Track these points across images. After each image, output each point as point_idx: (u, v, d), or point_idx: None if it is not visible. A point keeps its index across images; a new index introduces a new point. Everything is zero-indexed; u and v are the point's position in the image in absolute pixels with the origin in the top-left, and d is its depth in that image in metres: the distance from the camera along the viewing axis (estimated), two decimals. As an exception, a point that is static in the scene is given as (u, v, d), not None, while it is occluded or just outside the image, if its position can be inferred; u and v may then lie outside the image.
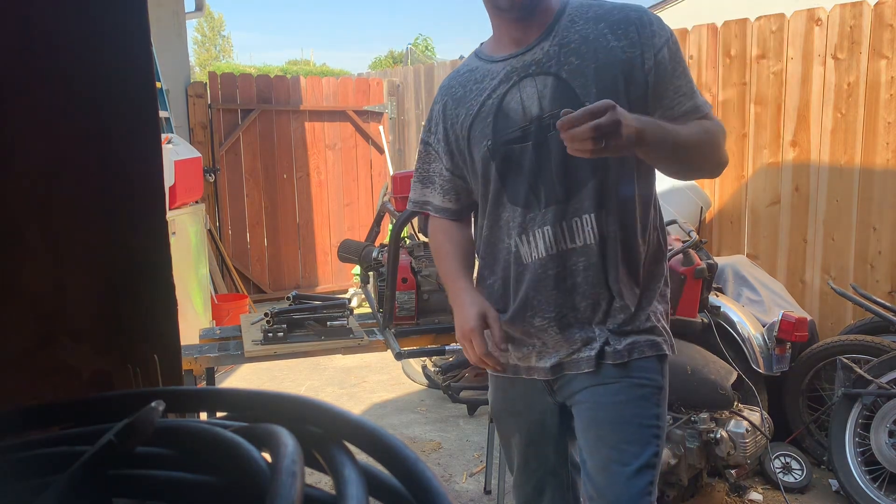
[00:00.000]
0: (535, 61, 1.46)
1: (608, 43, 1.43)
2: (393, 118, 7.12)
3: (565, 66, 1.44)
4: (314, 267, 6.85)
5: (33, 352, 0.64)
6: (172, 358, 0.70)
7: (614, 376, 1.49)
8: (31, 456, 0.50)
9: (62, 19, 0.63)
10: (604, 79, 1.41)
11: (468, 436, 3.68)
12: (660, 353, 1.51)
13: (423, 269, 2.46)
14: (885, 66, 3.39)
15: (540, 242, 1.49)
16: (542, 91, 1.45)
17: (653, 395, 1.50)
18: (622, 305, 1.49)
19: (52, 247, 0.64)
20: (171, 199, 4.18)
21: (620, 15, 1.45)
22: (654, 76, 1.43)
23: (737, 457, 2.82)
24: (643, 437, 1.48)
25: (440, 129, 1.61)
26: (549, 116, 1.44)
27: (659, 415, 1.50)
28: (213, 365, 2.33)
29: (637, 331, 1.50)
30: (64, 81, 0.63)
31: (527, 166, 1.48)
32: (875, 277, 3.49)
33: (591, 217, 1.46)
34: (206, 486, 0.47)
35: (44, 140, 0.63)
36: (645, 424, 1.48)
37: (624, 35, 1.43)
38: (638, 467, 1.46)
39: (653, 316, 1.53)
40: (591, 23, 1.46)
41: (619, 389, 1.49)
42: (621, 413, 1.49)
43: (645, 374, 1.49)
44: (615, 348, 1.49)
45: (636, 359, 1.49)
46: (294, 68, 20.74)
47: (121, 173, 0.66)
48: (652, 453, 1.47)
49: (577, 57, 1.44)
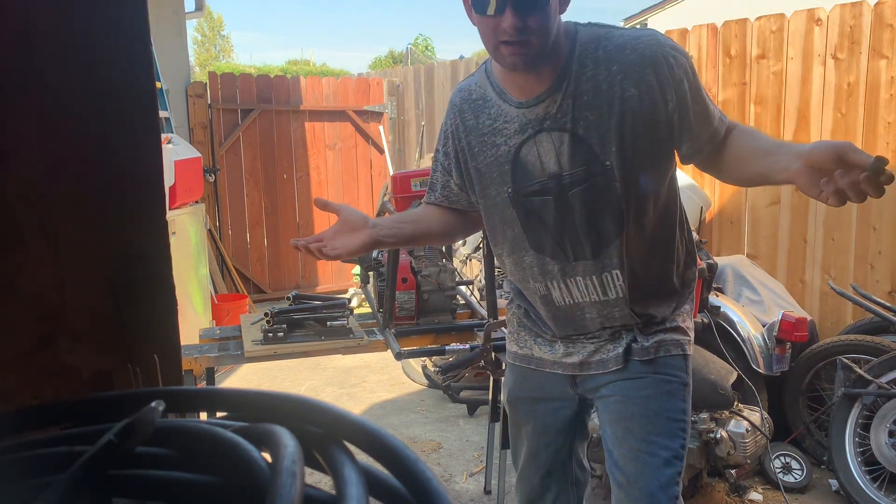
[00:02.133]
0: (550, 115, 1.42)
1: (624, 93, 1.37)
2: (393, 118, 7.12)
3: (581, 121, 1.41)
4: (314, 267, 6.85)
5: (33, 352, 0.64)
6: (172, 358, 0.70)
7: (641, 372, 1.55)
8: (31, 456, 0.50)
9: (62, 19, 0.63)
10: (623, 134, 1.39)
11: (468, 436, 3.68)
12: (685, 353, 1.58)
13: (423, 269, 2.46)
14: (885, 66, 3.39)
15: (574, 290, 1.54)
16: (558, 148, 1.44)
17: (679, 391, 1.55)
18: (655, 320, 1.57)
19: (52, 247, 0.64)
20: (171, 199, 4.18)
21: (634, 55, 1.37)
22: (679, 111, 1.41)
23: (737, 457, 2.82)
24: (671, 430, 1.53)
25: (451, 147, 1.62)
26: (568, 176, 1.44)
27: (685, 410, 1.56)
28: (213, 365, 2.32)
29: (664, 330, 1.56)
30: (64, 81, 0.63)
31: (550, 222, 1.49)
32: (875, 277, 3.49)
33: (620, 274, 1.50)
34: (206, 486, 0.47)
35: (44, 140, 0.63)
36: (672, 418, 1.54)
37: (641, 80, 1.37)
38: (666, 458, 1.52)
39: (678, 317, 1.59)
40: (602, 66, 1.38)
41: (647, 384, 1.54)
42: (650, 406, 1.54)
43: (671, 370, 1.55)
44: (642, 345, 1.55)
45: (662, 356, 1.55)
46: (294, 68, 20.73)
47: (121, 173, 0.66)
48: (679, 445, 1.53)
49: (592, 111, 1.40)
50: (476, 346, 2.24)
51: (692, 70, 1.42)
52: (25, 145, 0.63)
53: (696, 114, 1.43)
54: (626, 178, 1.43)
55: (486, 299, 2.45)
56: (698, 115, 1.43)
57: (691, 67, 1.43)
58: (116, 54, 0.65)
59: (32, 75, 0.62)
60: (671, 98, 1.39)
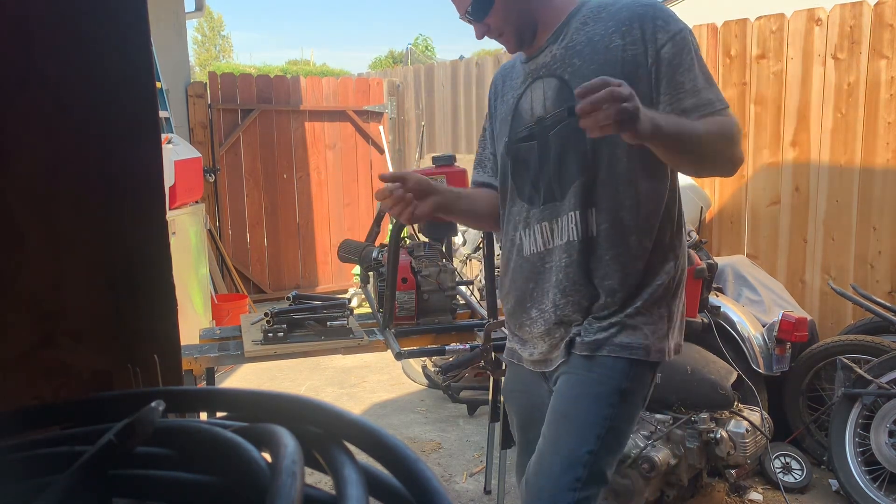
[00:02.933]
0: (545, 64, 1.52)
1: (612, 42, 1.43)
2: (393, 118, 7.12)
3: (568, 68, 1.48)
4: (314, 267, 6.85)
5: (33, 352, 0.64)
6: (172, 358, 0.70)
7: (577, 368, 1.50)
8: (31, 456, 0.50)
9: (62, 19, 0.63)
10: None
11: (468, 436, 3.68)
12: (631, 357, 1.47)
13: (423, 269, 2.46)
14: (885, 65, 3.39)
15: (538, 237, 1.55)
16: (546, 93, 1.51)
17: (607, 396, 1.47)
18: (606, 303, 1.49)
19: (52, 247, 0.64)
20: (171, 199, 4.17)
21: (628, 12, 1.44)
22: (656, 71, 1.42)
23: (737, 457, 2.82)
24: (582, 434, 1.46)
25: (487, 117, 1.75)
26: (550, 118, 1.50)
27: (609, 416, 1.46)
28: (213, 365, 2.32)
29: (617, 324, 1.48)
30: (63, 81, 0.63)
31: (532, 165, 1.55)
32: (875, 277, 3.49)
33: (576, 215, 1.48)
34: (206, 486, 0.47)
35: (44, 140, 0.63)
36: (589, 422, 1.46)
37: (628, 32, 1.42)
38: (567, 461, 1.45)
39: (640, 315, 1.49)
40: (601, 24, 1.46)
41: (578, 382, 1.50)
42: (571, 406, 1.49)
43: (607, 372, 1.47)
44: (584, 339, 1.49)
45: (603, 355, 1.48)
46: (294, 68, 20.73)
47: (121, 173, 0.66)
48: (587, 451, 1.45)
49: (580, 58, 1.46)
50: (476, 346, 2.24)
51: (682, 41, 1.41)
52: (25, 145, 0.63)
53: (677, 84, 1.41)
54: None
55: (486, 299, 2.44)
56: (680, 79, 1.41)
57: (683, 40, 1.41)
58: (116, 54, 0.65)
59: (32, 75, 0.62)
60: (652, 55, 1.41)
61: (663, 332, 1.52)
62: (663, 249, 1.52)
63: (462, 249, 4.52)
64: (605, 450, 1.47)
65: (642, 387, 1.51)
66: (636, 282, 1.50)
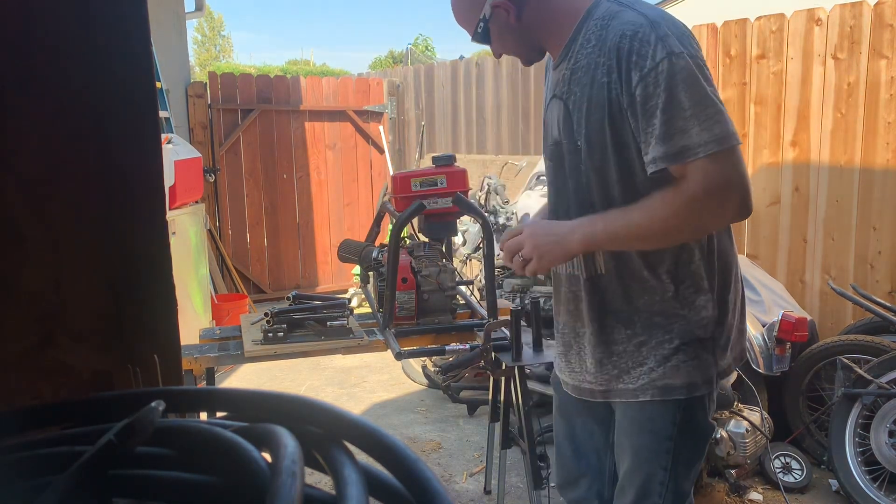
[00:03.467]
0: (558, 82, 1.48)
1: (600, 77, 1.34)
2: (393, 118, 7.12)
3: (571, 95, 1.43)
4: (314, 267, 6.85)
5: (33, 352, 0.64)
6: (172, 358, 0.70)
7: (632, 408, 1.51)
8: (31, 456, 0.50)
9: (62, 20, 0.63)
10: (591, 121, 1.38)
11: (468, 436, 3.68)
12: (678, 398, 1.47)
13: (423, 269, 2.46)
14: (885, 66, 3.39)
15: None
16: (558, 116, 1.48)
17: (665, 429, 1.49)
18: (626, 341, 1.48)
19: (52, 247, 0.64)
20: (171, 199, 4.17)
21: (614, 40, 1.31)
22: (632, 116, 1.32)
23: (737, 457, 2.82)
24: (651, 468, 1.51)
25: None
26: (564, 145, 1.48)
27: (669, 448, 1.49)
28: (213, 365, 2.32)
29: (655, 367, 1.46)
30: (64, 81, 0.63)
31: (553, 185, 1.57)
32: (875, 277, 3.49)
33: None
34: (206, 486, 0.47)
35: (44, 140, 0.63)
36: (653, 457, 1.50)
37: (612, 68, 1.32)
38: (642, 492, 1.52)
39: (679, 355, 1.44)
40: (597, 45, 1.36)
41: (633, 419, 1.52)
42: (635, 440, 1.52)
43: (658, 411, 1.48)
44: (627, 387, 1.49)
45: (648, 401, 1.48)
46: (294, 68, 20.73)
47: (121, 173, 0.66)
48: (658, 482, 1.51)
49: (579, 88, 1.40)
50: (476, 346, 2.24)
51: (654, 78, 1.26)
52: (25, 145, 0.63)
53: (647, 131, 1.29)
54: (594, 166, 1.41)
55: (486, 299, 2.44)
56: (649, 127, 1.29)
57: (658, 76, 1.26)
58: (116, 54, 0.65)
59: (32, 75, 0.62)
60: (626, 98, 1.31)
61: (707, 362, 1.46)
62: (689, 279, 1.44)
63: (462, 249, 4.51)
64: (676, 473, 1.51)
65: (697, 412, 1.50)
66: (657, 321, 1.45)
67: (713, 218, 1.35)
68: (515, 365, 2.27)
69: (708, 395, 1.49)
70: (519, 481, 3.10)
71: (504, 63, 6.03)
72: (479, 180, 4.75)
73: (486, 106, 6.24)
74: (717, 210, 1.32)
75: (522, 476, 2.78)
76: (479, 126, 6.35)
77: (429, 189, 2.40)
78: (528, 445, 2.36)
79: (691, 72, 1.27)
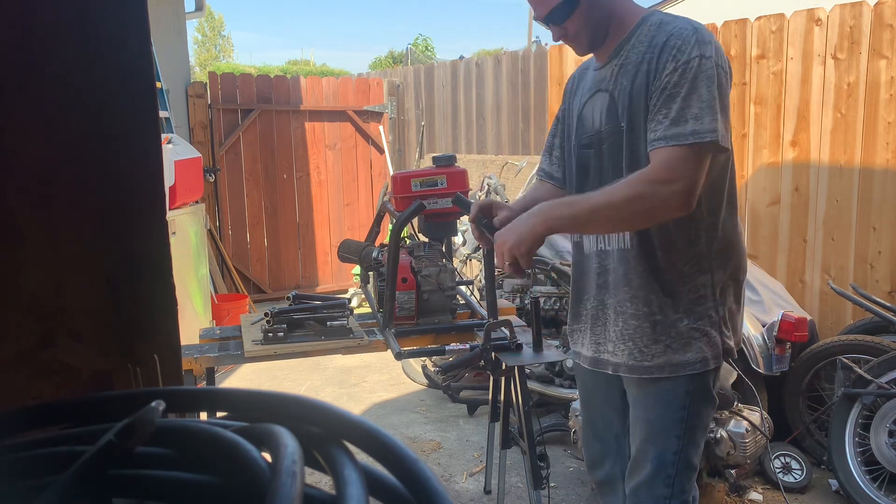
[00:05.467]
0: (604, 78, 1.63)
1: (645, 67, 1.53)
2: (393, 118, 7.12)
3: (618, 86, 1.59)
4: (314, 267, 6.85)
5: (33, 352, 0.64)
6: (172, 358, 0.70)
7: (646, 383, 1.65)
8: (31, 456, 0.50)
9: (62, 20, 0.63)
10: (633, 105, 1.55)
11: (468, 436, 3.68)
12: (692, 373, 1.61)
13: (423, 269, 2.46)
14: (884, 66, 3.39)
15: (593, 238, 1.70)
16: (601, 107, 1.63)
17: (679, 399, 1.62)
18: (657, 309, 1.60)
19: (52, 247, 0.64)
20: (171, 199, 4.17)
21: (661, 38, 1.51)
22: (655, 97, 1.50)
23: (737, 457, 2.82)
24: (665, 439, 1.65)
25: (560, 109, 1.85)
26: (604, 132, 1.63)
27: (683, 417, 1.63)
28: (213, 365, 2.32)
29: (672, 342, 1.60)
30: (64, 81, 0.63)
31: (591, 172, 1.68)
32: (875, 277, 3.49)
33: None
34: (206, 486, 0.47)
35: (44, 140, 0.63)
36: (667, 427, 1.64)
37: (654, 59, 1.51)
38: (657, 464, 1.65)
39: (695, 330, 1.60)
40: (648, 45, 1.54)
41: (647, 393, 1.65)
42: (650, 413, 1.66)
43: (672, 385, 1.62)
44: (641, 363, 1.63)
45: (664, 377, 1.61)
46: (294, 68, 20.73)
47: (121, 173, 0.66)
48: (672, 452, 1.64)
49: (626, 80, 1.57)
50: (476, 346, 2.24)
51: (686, 69, 1.45)
52: (25, 145, 0.63)
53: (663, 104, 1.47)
54: (630, 142, 1.57)
55: (486, 299, 2.44)
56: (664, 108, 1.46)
57: (689, 70, 1.45)
58: (116, 54, 0.65)
59: (32, 75, 0.62)
60: (656, 82, 1.50)
61: (717, 340, 1.62)
62: (709, 258, 1.61)
63: (462, 249, 4.52)
64: (687, 444, 1.65)
65: (707, 385, 1.65)
66: (682, 291, 1.60)
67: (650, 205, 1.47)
68: (516, 365, 2.27)
69: (717, 368, 1.65)
70: (519, 481, 3.10)
71: (504, 63, 6.03)
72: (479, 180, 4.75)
73: (486, 106, 6.24)
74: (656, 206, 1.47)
75: (522, 476, 2.78)
76: (479, 126, 6.35)
77: (429, 189, 2.40)
78: (528, 445, 2.36)
79: (715, 75, 1.46)
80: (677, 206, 1.45)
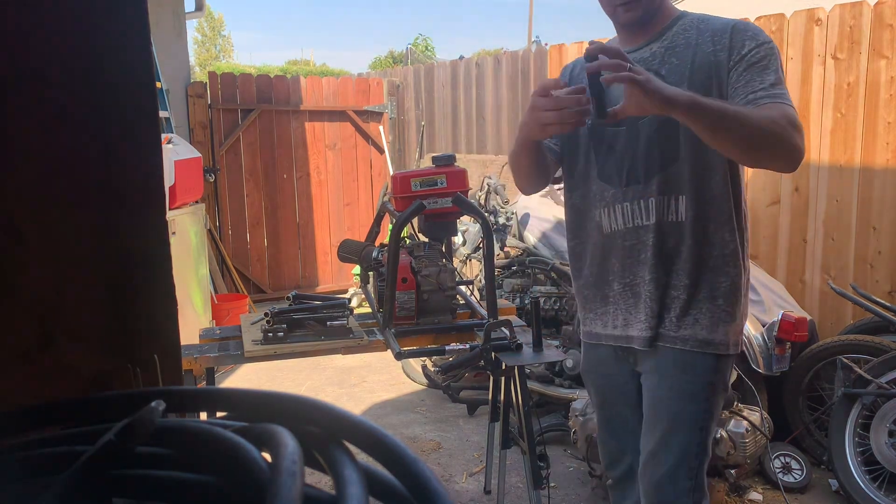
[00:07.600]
0: (643, 59, 1.64)
1: (706, 48, 1.59)
2: (393, 118, 7.12)
3: (666, 64, 1.63)
4: (314, 267, 6.85)
5: (33, 352, 0.64)
6: (172, 358, 0.70)
7: (668, 367, 1.68)
8: (31, 456, 0.50)
9: (62, 20, 0.63)
10: (696, 78, 1.58)
11: (468, 436, 3.68)
12: (718, 353, 1.66)
13: (423, 269, 2.46)
14: (884, 66, 3.39)
15: (619, 216, 1.70)
16: None
17: (702, 391, 1.67)
18: (685, 290, 1.64)
19: (52, 247, 0.64)
20: (171, 199, 4.17)
21: (722, 24, 1.60)
22: (736, 66, 1.55)
23: (737, 457, 2.82)
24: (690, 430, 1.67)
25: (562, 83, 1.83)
26: None
27: (706, 408, 1.68)
28: (213, 365, 2.32)
29: (700, 320, 1.65)
30: (64, 82, 0.63)
31: (618, 148, 1.68)
32: (875, 277, 3.49)
33: (662, 200, 1.64)
34: (206, 486, 0.47)
35: (44, 140, 0.63)
36: (692, 419, 1.67)
37: (720, 40, 1.58)
38: (680, 456, 1.67)
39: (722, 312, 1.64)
40: (698, 32, 1.62)
41: (672, 384, 1.68)
42: (673, 404, 1.69)
43: (697, 370, 1.66)
44: (669, 333, 1.66)
45: (690, 350, 1.65)
46: (294, 68, 20.73)
47: (121, 173, 0.66)
48: (696, 443, 1.68)
49: (678, 58, 1.62)
50: (476, 346, 2.24)
51: (766, 52, 1.54)
52: (25, 146, 0.63)
53: (748, 82, 1.53)
54: None
55: (486, 299, 2.44)
56: (757, 76, 1.53)
57: (768, 52, 1.54)
58: (116, 55, 0.65)
59: (32, 75, 0.62)
60: (735, 57, 1.55)
61: (738, 327, 1.68)
62: (732, 249, 1.66)
63: (462, 249, 4.51)
64: (707, 434, 1.70)
65: (725, 376, 1.71)
66: (713, 272, 1.65)
67: (795, 139, 1.48)
68: (516, 365, 2.27)
69: (733, 357, 1.69)
70: (519, 481, 3.10)
71: (504, 63, 6.03)
72: (479, 180, 4.75)
73: (486, 106, 6.24)
74: (798, 136, 1.48)
75: (522, 476, 2.78)
76: (479, 126, 6.35)
77: (429, 189, 2.40)
78: (527, 445, 2.36)
79: (781, 63, 1.59)
80: (798, 157, 1.49)
